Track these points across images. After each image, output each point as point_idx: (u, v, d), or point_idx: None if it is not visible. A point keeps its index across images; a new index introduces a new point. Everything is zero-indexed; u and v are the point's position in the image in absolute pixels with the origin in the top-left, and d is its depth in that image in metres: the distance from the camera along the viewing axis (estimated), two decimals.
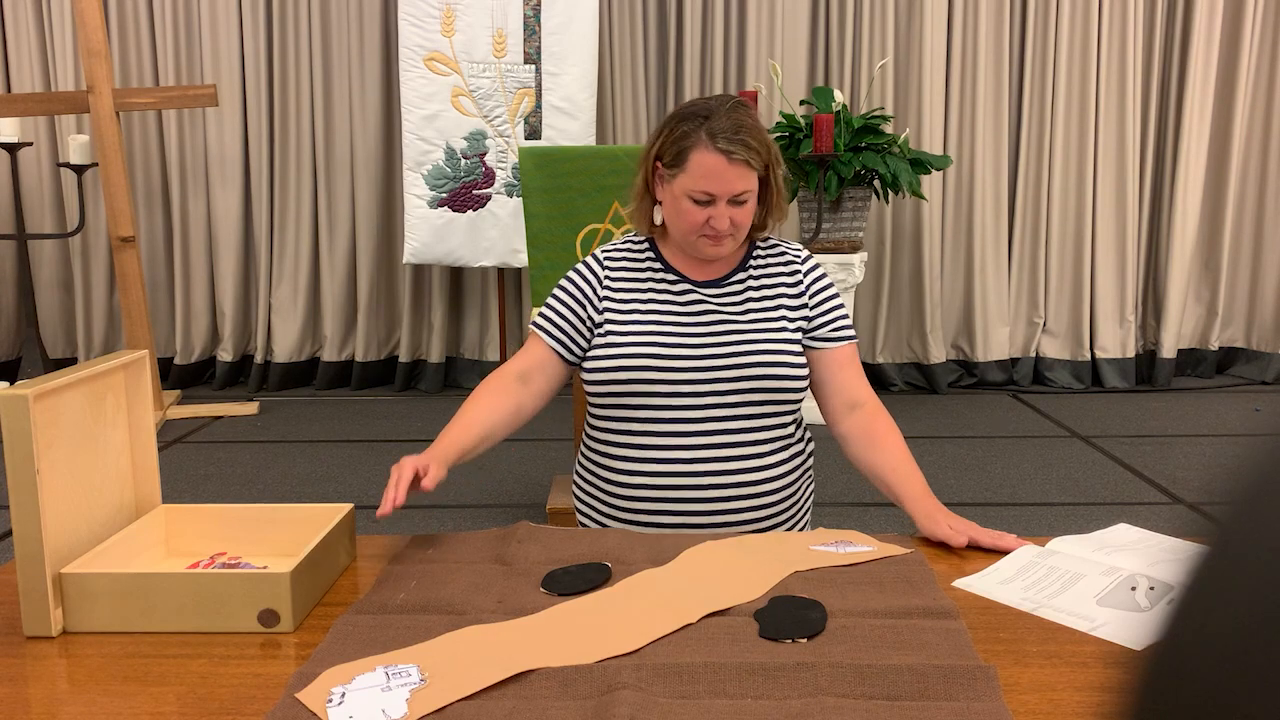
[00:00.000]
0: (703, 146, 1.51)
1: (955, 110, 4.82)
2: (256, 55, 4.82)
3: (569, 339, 1.63)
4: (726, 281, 1.62)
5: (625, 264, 1.65)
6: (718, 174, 1.51)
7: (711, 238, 1.56)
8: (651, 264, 1.64)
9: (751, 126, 1.53)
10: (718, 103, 1.56)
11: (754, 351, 1.55)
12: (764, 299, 1.61)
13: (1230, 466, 0.29)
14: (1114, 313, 4.90)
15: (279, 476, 3.51)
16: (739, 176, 1.52)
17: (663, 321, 1.58)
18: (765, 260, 1.65)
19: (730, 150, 1.50)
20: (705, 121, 1.52)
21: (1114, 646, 1.11)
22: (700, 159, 1.51)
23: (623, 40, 4.77)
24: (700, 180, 1.52)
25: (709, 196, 1.53)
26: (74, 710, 1.00)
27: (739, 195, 1.53)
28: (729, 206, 1.53)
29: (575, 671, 1.03)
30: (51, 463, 1.17)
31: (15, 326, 5.12)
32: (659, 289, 1.62)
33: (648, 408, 1.56)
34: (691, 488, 1.55)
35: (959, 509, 3.10)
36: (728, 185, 1.52)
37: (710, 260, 1.62)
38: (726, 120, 1.52)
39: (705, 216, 1.54)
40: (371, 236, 4.89)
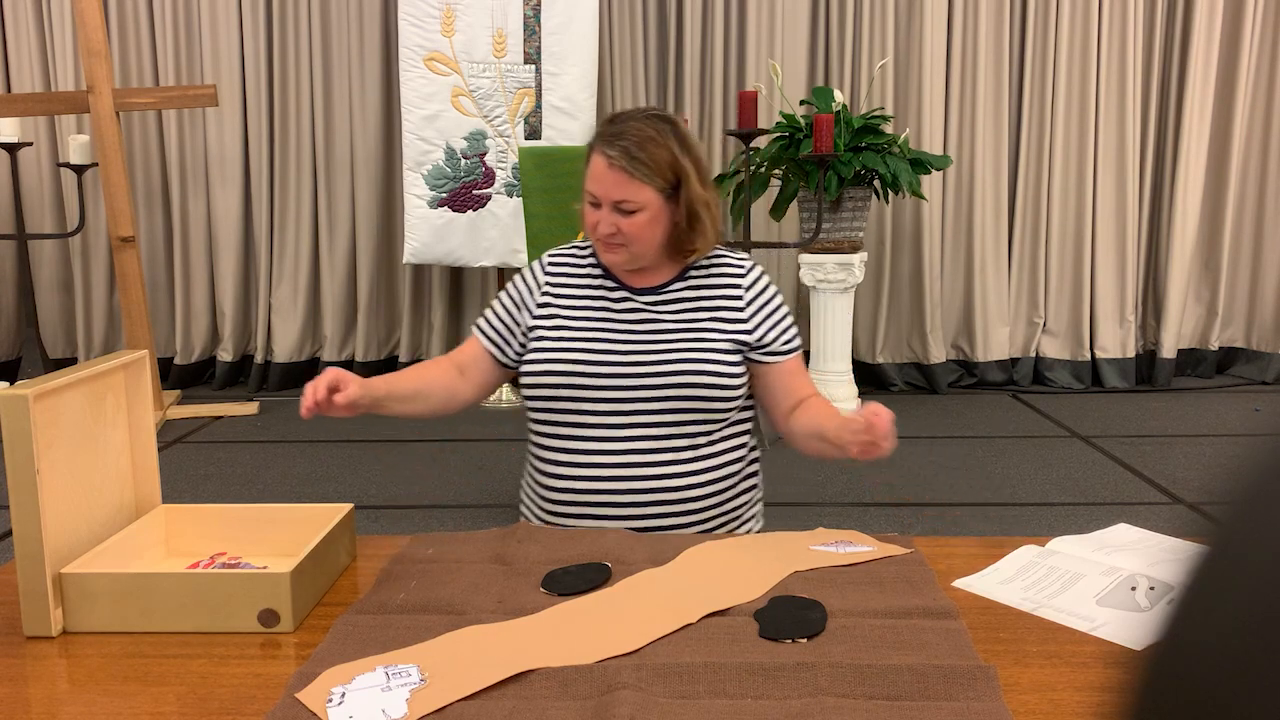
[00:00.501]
0: (596, 149, 1.57)
1: (955, 110, 4.82)
2: (256, 55, 4.82)
3: (504, 341, 1.66)
4: (664, 290, 1.63)
5: (568, 269, 1.67)
6: (599, 177, 1.55)
7: (605, 243, 1.58)
8: (592, 270, 1.66)
9: (649, 140, 1.54)
10: (632, 112, 1.59)
11: (683, 360, 1.56)
12: (701, 309, 1.62)
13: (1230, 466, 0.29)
14: (1114, 313, 4.90)
15: (279, 476, 3.52)
16: (618, 184, 1.54)
17: (595, 329, 1.60)
18: (707, 271, 1.66)
19: (609, 154, 1.53)
20: (609, 125, 1.57)
21: (1114, 646, 1.11)
22: (593, 160, 1.57)
23: (623, 40, 4.77)
24: (590, 181, 1.57)
25: (595, 198, 1.56)
26: (74, 710, 1.00)
27: (620, 203, 1.55)
28: (616, 214, 1.55)
29: (575, 671, 1.03)
30: (51, 463, 1.17)
31: (15, 326, 5.12)
32: (596, 295, 1.64)
33: (576, 413, 1.57)
34: (617, 492, 1.55)
35: (959, 509, 3.11)
36: (607, 190, 1.54)
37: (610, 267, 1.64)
38: (620, 127, 1.55)
39: (595, 219, 1.57)
40: (371, 236, 4.89)
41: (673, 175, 1.56)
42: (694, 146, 1.61)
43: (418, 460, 3.71)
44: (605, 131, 1.56)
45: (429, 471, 3.57)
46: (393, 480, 3.48)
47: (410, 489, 3.38)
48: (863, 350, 4.90)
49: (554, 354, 1.58)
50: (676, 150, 1.57)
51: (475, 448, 3.88)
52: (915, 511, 3.11)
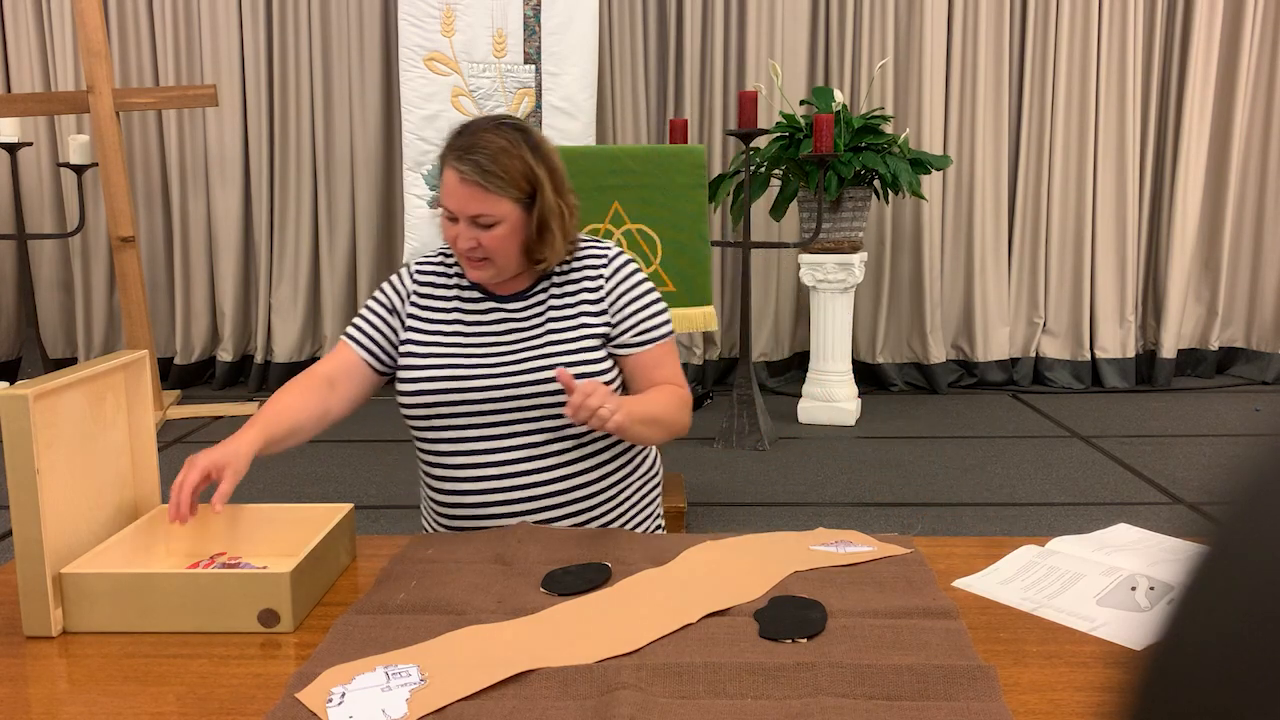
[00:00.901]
0: (447, 163, 1.51)
1: (955, 110, 4.81)
2: (256, 55, 4.82)
3: (379, 348, 1.61)
4: (529, 294, 1.60)
5: (433, 278, 1.63)
6: (453, 192, 1.50)
7: (466, 259, 1.54)
8: (459, 279, 1.62)
9: (500, 150, 1.49)
10: (483, 121, 1.53)
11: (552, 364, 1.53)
12: (564, 308, 1.59)
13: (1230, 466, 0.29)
14: (1114, 313, 4.90)
15: (279, 476, 3.51)
16: (472, 198, 1.49)
17: (463, 342, 1.56)
18: (569, 269, 1.62)
19: (461, 169, 1.48)
20: (458, 138, 1.51)
21: (1114, 646, 1.11)
22: (445, 175, 1.51)
23: (623, 40, 4.77)
24: (443, 195, 1.52)
25: (450, 213, 1.51)
26: (74, 710, 1.00)
27: (478, 218, 1.50)
28: (474, 228, 1.51)
29: (575, 671, 1.03)
30: (51, 463, 1.17)
31: (15, 326, 5.12)
32: (464, 306, 1.60)
33: (457, 427, 1.55)
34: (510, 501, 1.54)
35: (959, 509, 3.11)
36: (459, 204, 1.49)
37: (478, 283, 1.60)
38: (470, 139, 1.50)
39: (453, 233, 1.52)
40: (371, 236, 4.89)
41: (528, 185, 1.52)
42: (549, 153, 1.56)
43: (418, 460, 3.71)
44: (455, 144, 1.50)
45: (418, 470, 3.57)
46: (393, 480, 3.48)
47: (410, 489, 3.37)
48: (863, 350, 4.90)
49: (427, 370, 1.55)
50: (530, 159, 1.52)
51: None
52: (915, 511, 3.11)
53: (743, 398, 3.89)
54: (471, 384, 1.53)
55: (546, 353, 1.55)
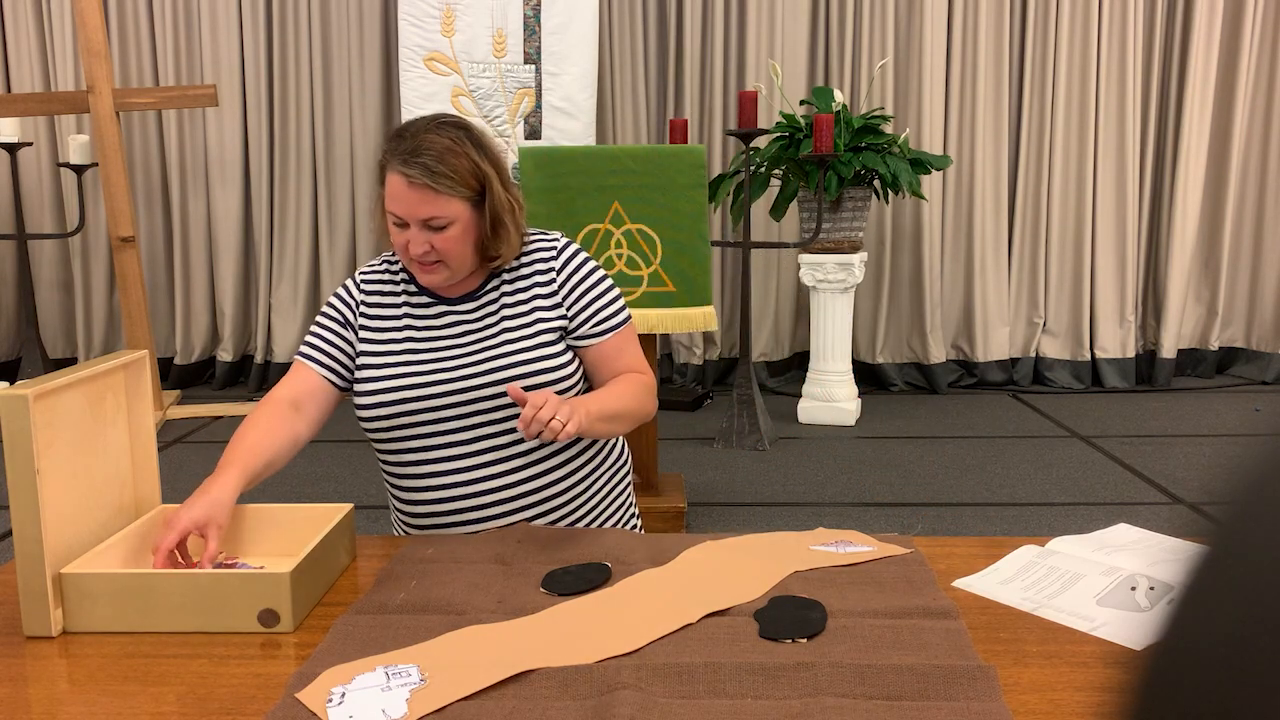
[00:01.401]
0: (390, 167, 1.47)
1: (955, 110, 4.81)
2: (256, 55, 4.82)
3: (339, 364, 1.57)
4: (480, 294, 1.57)
5: (379, 287, 1.60)
6: (400, 197, 1.46)
7: (419, 264, 1.50)
8: (407, 286, 1.59)
9: (446, 150, 1.46)
10: (423, 123, 1.50)
11: (508, 360, 1.51)
12: (518, 304, 1.56)
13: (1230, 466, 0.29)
14: (1114, 313, 4.90)
15: (279, 476, 3.51)
16: (423, 201, 1.45)
17: (417, 349, 1.53)
18: (520, 264, 1.59)
19: (408, 174, 1.44)
20: (400, 142, 1.47)
21: (1114, 646, 1.11)
22: (390, 180, 1.47)
23: (623, 40, 4.76)
24: (390, 202, 1.48)
25: (400, 219, 1.48)
26: (74, 710, 1.00)
27: (430, 220, 1.46)
28: (426, 231, 1.47)
29: (575, 671, 1.03)
30: (51, 463, 1.17)
31: (15, 326, 5.12)
32: (414, 313, 1.56)
33: (418, 436, 1.52)
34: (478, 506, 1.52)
35: (959, 509, 3.11)
36: (410, 208, 1.46)
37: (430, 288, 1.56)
38: (413, 142, 1.46)
39: (404, 239, 1.48)
40: (371, 236, 4.89)
41: (476, 183, 1.49)
42: (492, 149, 1.54)
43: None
44: (398, 148, 1.46)
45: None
46: None
47: None
48: (863, 350, 4.90)
49: (382, 381, 1.52)
50: (476, 156, 1.49)
51: None
52: (915, 511, 3.11)
53: (743, 398, 3.89)
54: (428, 391, 1.50)
55: (503, 352, 1.52)
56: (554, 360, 1.53)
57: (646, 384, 1.60)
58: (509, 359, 1.51)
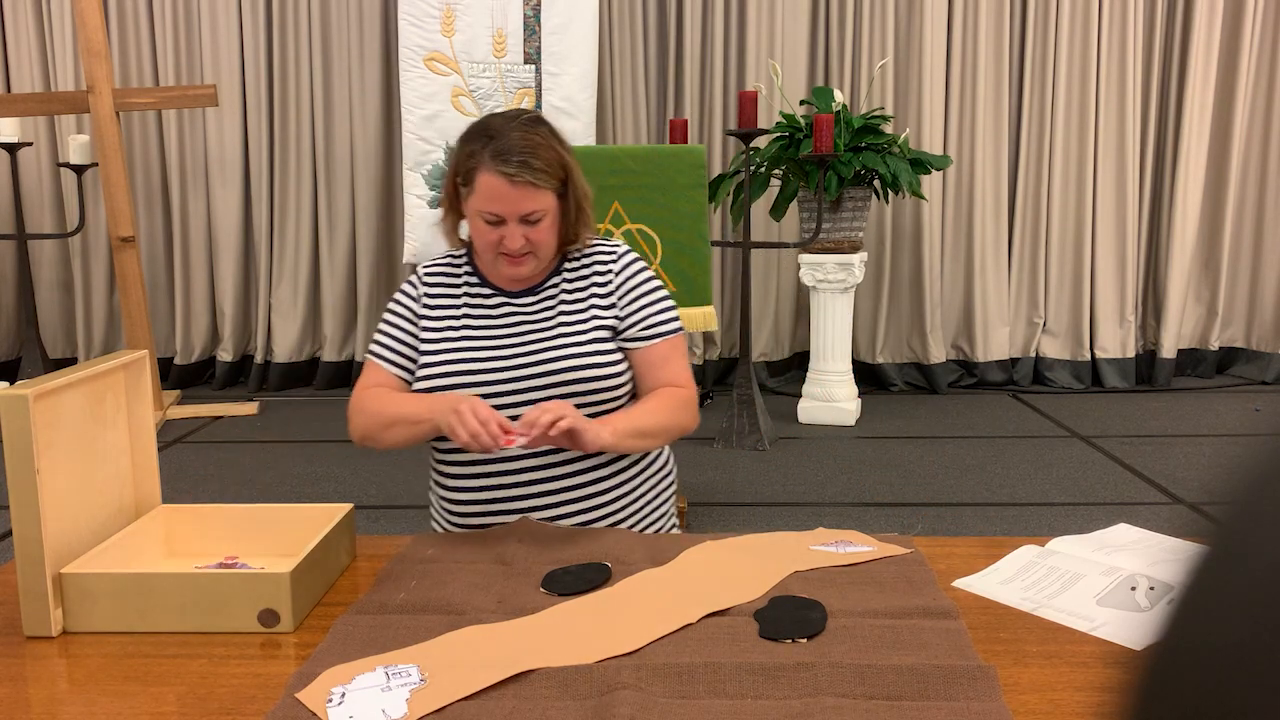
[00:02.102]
0: (486, 168, 1.51)
1: (955, 110, 4.81)
2: (256, 55, 4.82)
3: (407, 359, 1.62)
4: (539, 290, 1.63)
5: (443, 280, 1.65)
6: (501, 195, 1.51)
7: (509, 258, 1.55)
8: (468, 278, 1.64)
9: (539, 145, 1.52)
10: (505, 121, 1.54)
11: (563, 356, 1.55)
12: (575, 302, 1.61)
13: (1230, 466, 0.29)
14: (1114, 313, 4.90)
15: (279, 476, 3.51)
16: (524, 197, 1.51)
17: (475, 336, 1.58)
18: (578, 265, 1.65)
19: (511, 173, 1.49)
20: (490, 142, 1.51)
21: (1114, 646, 1.11)
22: (485, 180, 1.51)
23: (623, 40, 4.76)
24: (487, 202, 1.52)
25: (497, 217, 1.52)
26: (74, 710, 1.00)
27: (528, 215, 1.52)
28: (522, 226, 1.53)
29: (575, 671, 1.03)
30: (51, 463, 1.17)
31: (15, 326, 5.12)
32: (474, 303, 1.62)
33: None
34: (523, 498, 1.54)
35: (959, 509, 3.11)
36: (513, 206, 1.51)
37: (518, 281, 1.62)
38: (509, 140, 1.51)
39: (498, 236, 1.53)
40: (371, 236, 4.89)
41: (563, 173, 1.56)
42: (566, 139, 1.60)
43: (418, 460, 3.71)
44: (490, 148, 1.51)
45: (429, 471, 3.57)
46: (393, 480, 3.48)
47: (410, 489, 3.38)
48: (863, 350, 4.90)
49: (439, 368, 1.56)
50: (559, 148, 1.56)
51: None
52: (915, 511, 3.11)
53: (743, 398, 3.89)
54: (482, 379, 1.54)
55: (557, 345, 1.56)
56: (606, 357, 1.57)
57: (684, 398, 1.63)
58: (562, 351, 1.55)
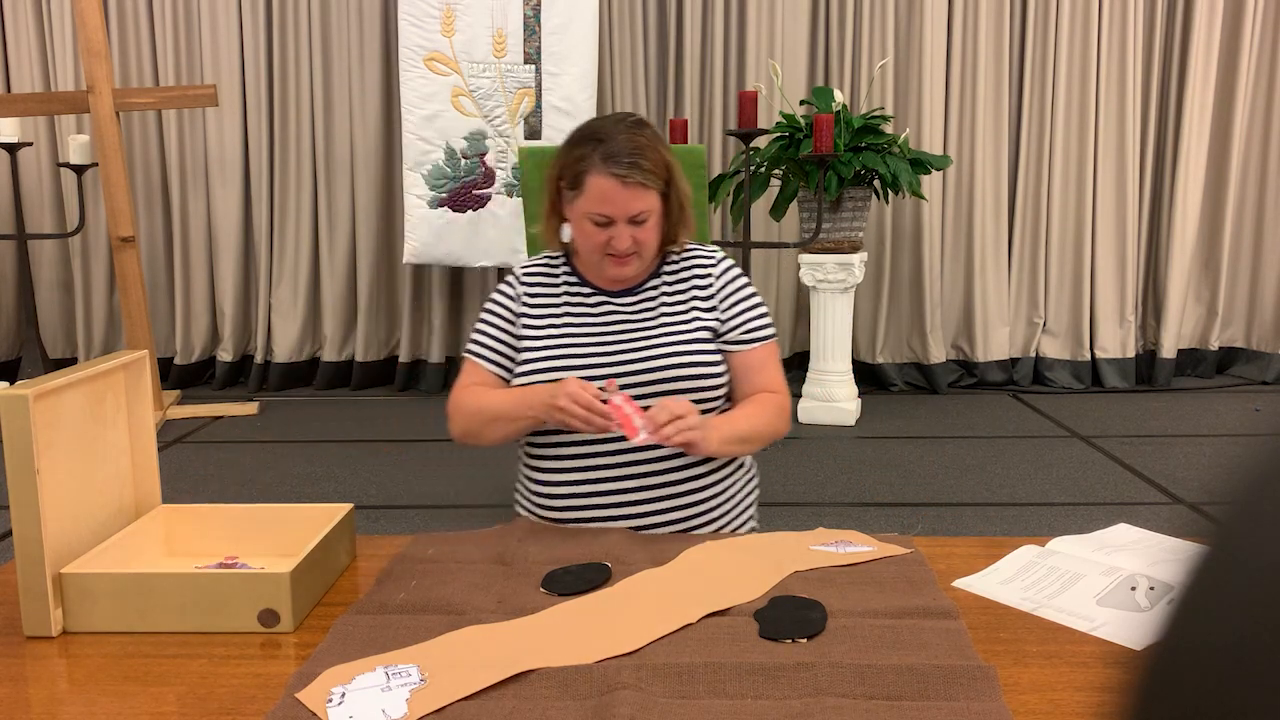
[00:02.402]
0: (596, 170, 1.54)
1: (955, 110, 4.81)
2: (256, 55, 4.82)
3: (506, 358, 1.66)
4: (639, 290, 1.66)
5: (541, 279, 1.69)
6: (612, 197, 1.54)
7: (615, 258, 1.59)
8: (567, 278, 1.68)
9: (646, 146, 1.56)
10: (613, 124, 1.58)
11: (666, 354, 1.58)
12: (676, 303, 1.64)
13: (1230, 466, 0.29)
14: (1114, 313, 4.90)
15: (279, 476, 3.51)
16: (633, 198, 1.55)
17: (577, 334, 1.61)
18: (678, 266, 1.68)
19: (623, 175, 1.53)
20: (599, 145, 1.55)
21: (1114, 646, 1.11)
22: (595, 182, 1.54)
23: (623, 40, 4.76)
24: (597, 203, 1.55)
25: (606, 218, 1.55)
26: (74, 710, 1.00)
27: (637, 216, 1.56)
28: (629, 226, 1.56)
29: (575, 671, 1.03)
30: (51, 463, 1.17)
31: (15, 326, 5.12)
32: (574, 302, 1.65)
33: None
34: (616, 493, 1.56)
35: (959, 509, 3.11)
36: (623, 207, 1.55)
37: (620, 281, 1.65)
38: (619, 143, 1.54)
39: (606, 237, 1.57)
40: (371, 236, 4.89)
41: (667, 174, 1.60)
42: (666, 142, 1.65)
43: (418, 460, 3.71)
44: (600, 151, 1.55)
45: (429, 471, 3.57)
46: (393, 480, 3.48)
47: (410, 489, 3.38)
48: (863, 350, 4.90)
49: (542, 363, 1.59)
50: (663, 150, 1.60)
51: (475, 448, 3.88)
52: (915, 511, 3.11)
53: None
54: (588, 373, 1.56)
55: (662, 343, 1.59)
56: (709, 358, 1.60)
57: (779, 404, 1.65)
58: (667, 349, 1.58)
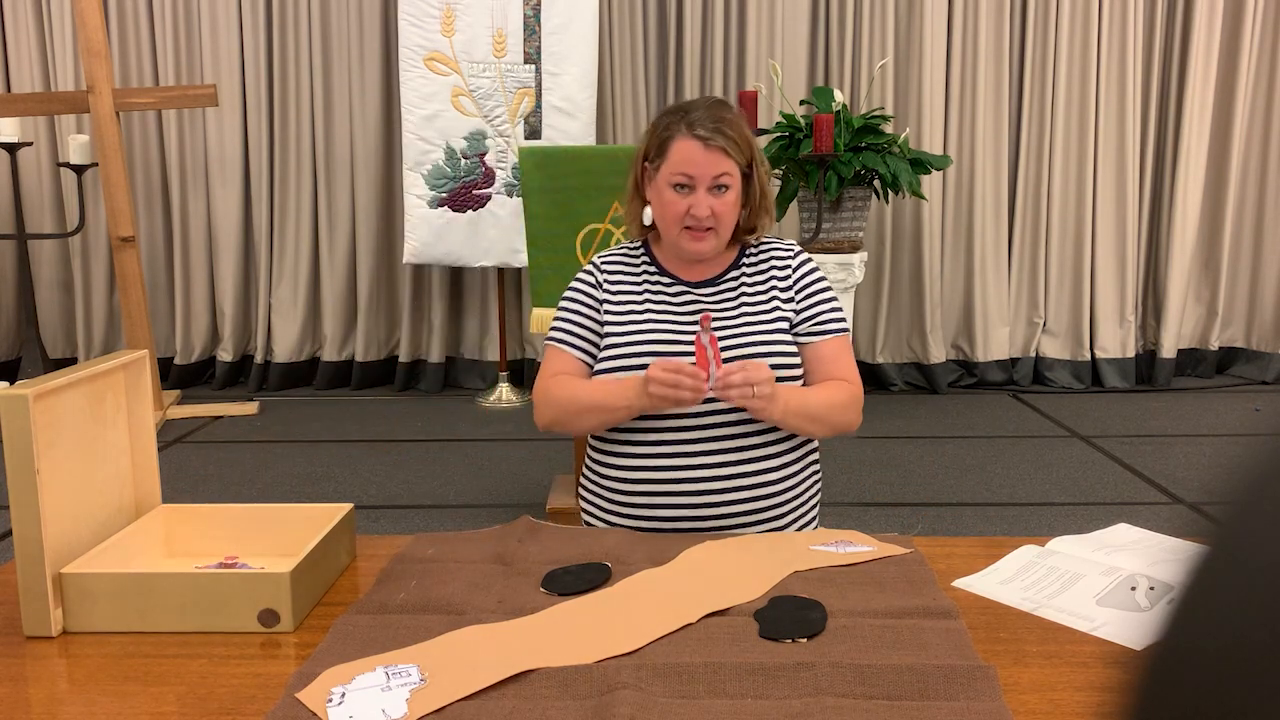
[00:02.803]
0: (681, 135, 1.59)
1: (955, 110, 4.81)
2: (256, 55, 4.82)
3: (591, 344, 1.66)
4: (720, 280, 1.66)
5: (621, 268, 1.69)
6: (694, 158, 1.57)
7: (693, 231, 1.59)
8: (647, 268, 1.69)
9: (731, 120, 1.60)
10: (701, 100, 1.63)
11: (748, 345, 1.58)
12: (757, 295, 1.65)
13: (1230, 466, 0.29)
14: (1114, 313, 4.90)
15: (279, 476, 3.51)
16: (715, 161, 1.57)
17: (659, 323, 1.61)
18: (758, 258, 1.69)
19: (707, 137, 1.57)
20: (685, 115, 1.61)
21: (1114, 646, 1.11)
22: (679, 146, 1.59)
23: (623, 40, 4.76)
24: (679, 164, 1.58)
25: (688, 179, 1.58)
26: (74, 710, 1.00)
27: (718, 179, 1.58)
28: (709, 195, 1.58)
29: (575, 671, 1.03)
30: (51, 463, 1.17)
31: (15, 326, 5.12)
32: (654, 291, 1.66)
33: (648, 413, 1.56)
34: (693, 489, 1.55)
35: (959, 509, 3.11)
36: (705, 169, 1.57)
37: (696, 259, 1.65)
38: (705, 112, 1.59)
39: (686, 205, 1.58)
40: (371, 236, 4.89)
41: (749, 152, 1.62)
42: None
43: (418, 460, 3.71)
44: (687, 118, 1.59)
45: (429, 471, 3.57)
46: (393, 480, 3.48)
47: (410, 489, 3.38)
48: (863, 350, 4.90)
49: (625, 349, 1.59)
50: (745, 128, 1.62)
51: (475, 448, 3.88)
52: (915, 511, 3.11)
53: None
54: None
55: (744, 333, 1.59)
56: (789, 348, 1.61)
57: (854, 393, 1.65)
58: (749, 339, 1.58)
